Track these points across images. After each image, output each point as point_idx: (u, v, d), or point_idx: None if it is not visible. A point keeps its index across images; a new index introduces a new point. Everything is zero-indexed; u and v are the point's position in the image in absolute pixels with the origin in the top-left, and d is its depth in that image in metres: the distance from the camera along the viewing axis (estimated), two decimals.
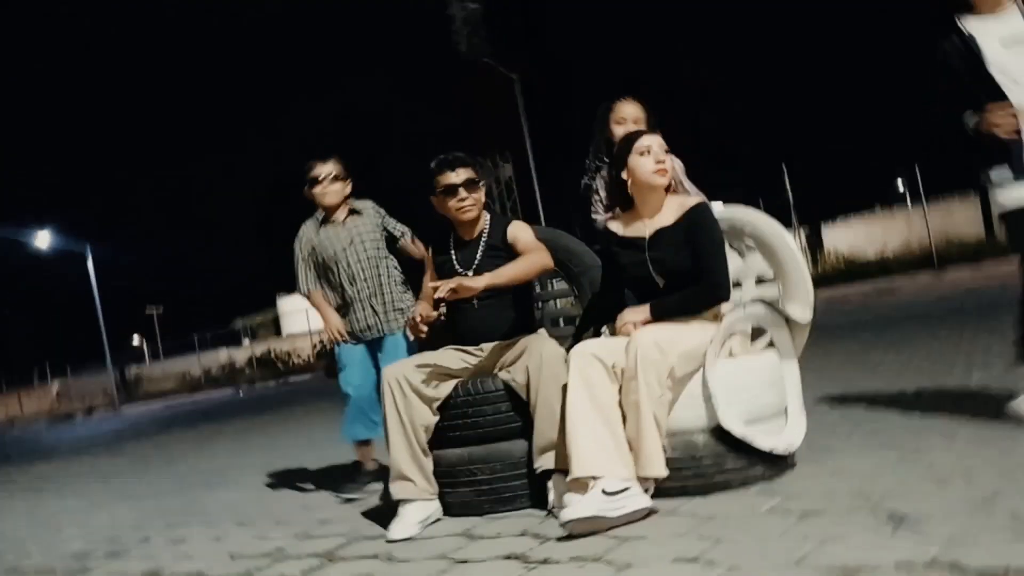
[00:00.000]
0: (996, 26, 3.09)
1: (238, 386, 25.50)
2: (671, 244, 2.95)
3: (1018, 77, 3.01)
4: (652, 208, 3.03)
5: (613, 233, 3.13)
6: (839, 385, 4.86)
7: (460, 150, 3.36)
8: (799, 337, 3.15)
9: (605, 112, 3.78)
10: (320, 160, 4.02)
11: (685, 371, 2.80)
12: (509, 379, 3.03)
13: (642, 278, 3.01)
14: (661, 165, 2.96)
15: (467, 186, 3.24)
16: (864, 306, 12.21)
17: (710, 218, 2.98)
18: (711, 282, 2.90)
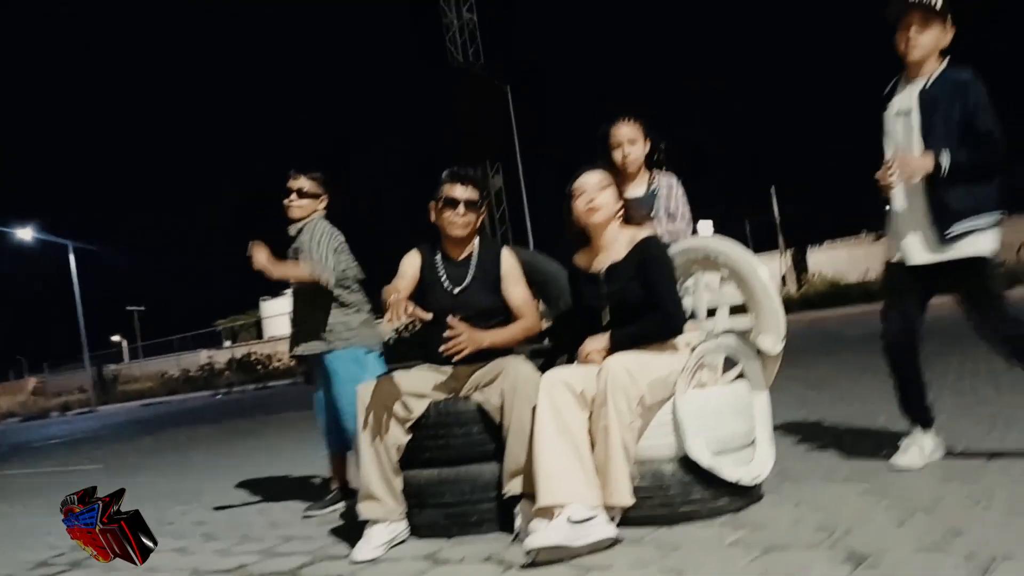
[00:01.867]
0: (902, 93, 3.21)
1: (216, 389, 25.34)
2: (623, 278, 3.00)
3: (895, 145, 3.17)
4: (605, 243, 3.09)
5: (575, 265, 3.20)
6: (812, 410, 4.90)
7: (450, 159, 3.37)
8: (770, 368, 3.18)
9: (604, 136, 3.76)
10: (297, 171, 4.02)
11: (655, 399, 2.82)
12: (483, 400, 3.04)
13: (597, 311, 3.06)
14: (590, 204, 3.01)
15: (467, 205, 3.25)
16: (844, 329, 12.28)
17: (659, 251, 3.03)
18: (664, 313, 2.94)
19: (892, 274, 3.31)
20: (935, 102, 3.09)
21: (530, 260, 3.62)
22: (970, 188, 3.03)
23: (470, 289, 3.24)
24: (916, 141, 3.11)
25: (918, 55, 3.13)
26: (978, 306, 3.12)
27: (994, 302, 3.09)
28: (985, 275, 3.10)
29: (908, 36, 3.13)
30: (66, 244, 29.89)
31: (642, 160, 3.69)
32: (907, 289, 3.25)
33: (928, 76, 3.15)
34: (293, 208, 3.99)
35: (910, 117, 3.15)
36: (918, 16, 3.11)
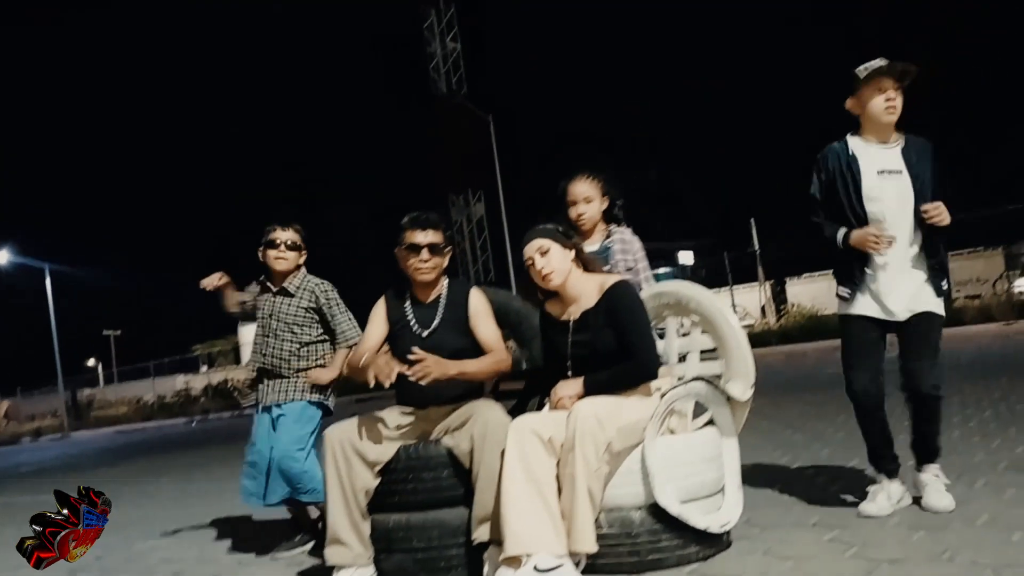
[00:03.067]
0: (878, 154, 3.27)
1: (191, 416, 25.06)
2: (593, 326, 3.01)
3: (886, 204, 3.22)
4: (573, 294, 3.10)
5: (547, 313, 3.21)
6: (787, 451, 4.91)
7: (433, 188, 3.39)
8: (739, 414, 3.19)
9: (562, 193, 3.75)
10: (281, 225, 4.01)
11: (623, 446, 2.82)
12: (452, 445, 3.02)
13: (566, 360, 3.06)
14: (543, 275, 3.05)
15: (431, 249, 3.25)
16: (822, 365, 12.33)
17: (630, 296, 3.04)
18: (638, 360, 2.95)
19: (863, 328, 3.31)
20: (914, 164, 3.22)
21: (502, 301, 3.62)
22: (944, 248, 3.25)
23: (439, 331, 3.24)
24: (909, 202, 3.20)
25: (895, 118, 3.24)
26: (924, 353, 3.20)
27: (937, 352, 3.23)
28: (940, 326, 3.28)
29: (889, 98, 3.21)
30: (43, 267, 29.62)
31: (597, 217, 3.69)
32: (875, 343, 3.31)
33: (898, 140, 3.27)
34: (281, 261, 3.98)
35: (902, 177, 3.22)
36: (892, 80, 3.22)
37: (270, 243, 3.98)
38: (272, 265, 4.00)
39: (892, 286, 3.23)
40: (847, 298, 3.33)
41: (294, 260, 4.01)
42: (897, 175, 3.23)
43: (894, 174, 3.23)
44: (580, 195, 3.67)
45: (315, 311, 3.99)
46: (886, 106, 3.21)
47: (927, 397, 3.19)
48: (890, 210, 3.21)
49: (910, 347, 3.23)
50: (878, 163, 3.26)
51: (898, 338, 3.28)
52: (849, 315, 3.34)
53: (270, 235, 3.99)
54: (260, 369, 4.00)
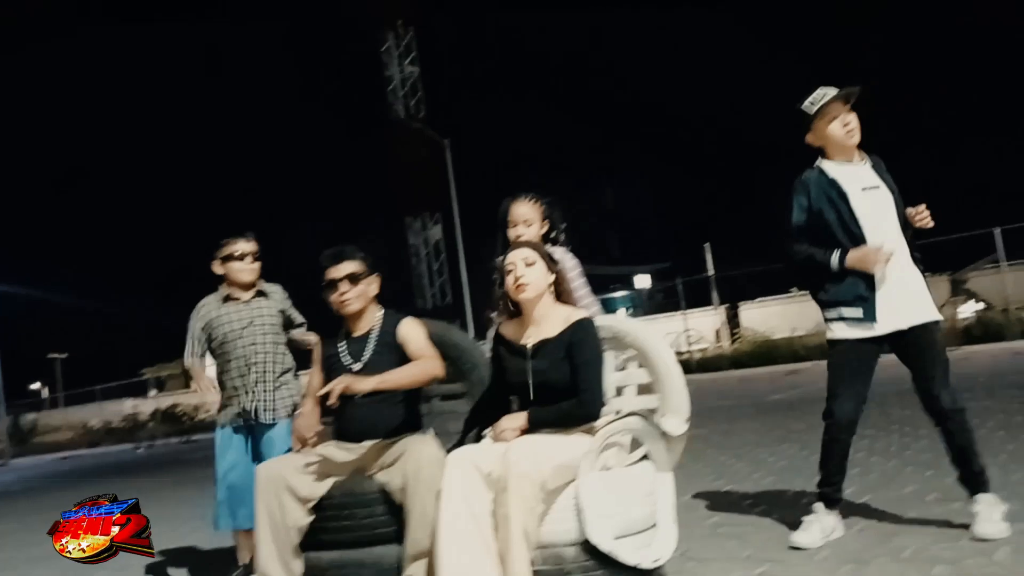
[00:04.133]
0: (855, 173, 3.35)
1: (138, 442, 24.49)
2: (551, 356, 2.99)
3: (875, 220, 3.28)
4: (536, 318, 3.08)
5: (501, 336, 3.17)
6: (729, 480, 4.96)
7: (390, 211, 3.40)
8: (674, 449, 3.20)
9: (503, 213, 3.80)
10: (241, 237, 3.98)
11: (559, 483, 2.81)
12: (386, 481, 3.00)
13: (520, 385, 3.05)
14: (519, 282, 3.02)
15: (350, 279, 3.25)
16: (771, 391, 12.49)
17: (592, 335, 3.04)
18: (585, 400, 2.95)
19: (861, 353, 3.31)
20: (886, 177, 3.33)
21: (440, 332, 3.62)
22: None
23: (372, 363, 3.22)
24: (892, 214, 3.28)
25: (858, 138, 3.34)
26: (935, 368, 3.22)
27: (946, 367, 3.24)
28: (942, 338, 3.32)
29: (846, 123, 3.31)
30: None
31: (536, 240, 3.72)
32: (869, 369, 3.32)
33: (864, 157, 3.37)
34: (247, 272, 3.96)
35: (880, 192, 3.30)
36: (847, 105, 3.32)
37: (235, 256, 3.93)
38: (238, 278, 3.95)
39: (894, 299, 3.26)
40: (859, 319, 3.29)
41: (258, 269, 4.01)
42: (876, 190, 3.31)
43: (874, 190, 3.32)
44: (520, 217, 3.69)
45: (281, 311, 4.02)
46: (846, 131, 3.31)
47: (949, 413, 3.19)
48: (880, 225, 3.28)
49: (918, 363, 3.24)
50: (859, 181, 3.33)
51: (901, 357, 3.28)
52: (848, 339, 3.31)
53: (232, 247, 3.94)
54: (236, 386, 3.92)
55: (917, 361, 3.25)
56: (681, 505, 4.05)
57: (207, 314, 4.01)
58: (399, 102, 32.47)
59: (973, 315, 17.11)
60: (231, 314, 3.96)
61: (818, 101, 3.34)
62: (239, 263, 3.93)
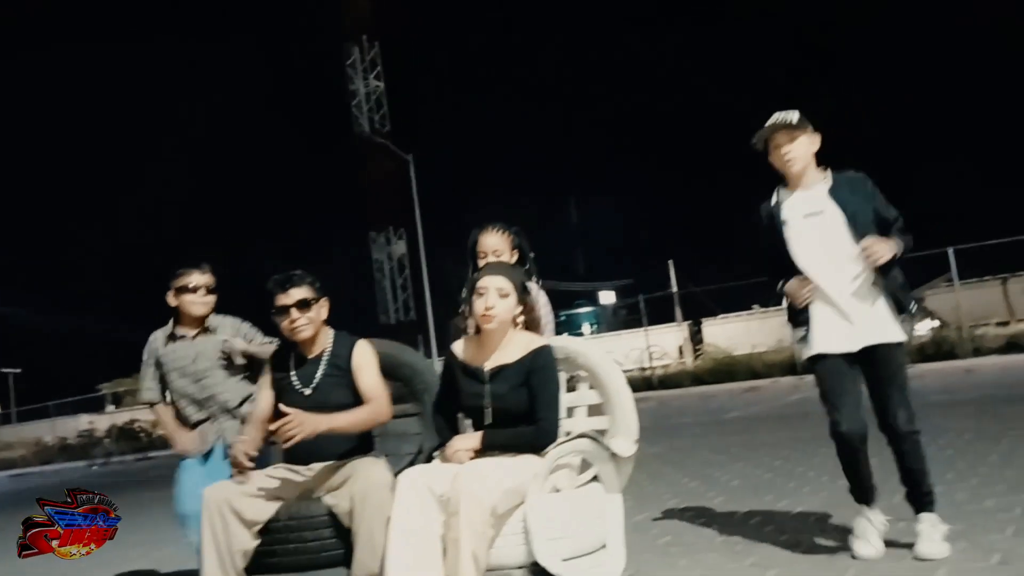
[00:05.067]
0: (801, 199, 3.41)
1: (93, 459, 24.00)
2: (509, 381, 3.01)
3: (811, 248, 3.35)
4: (496, 342, 3.08)
5: (455, 357, 3.17)
6: (683, 499, 4.99)
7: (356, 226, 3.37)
8: (623, 470, 3.22)
9: (473, 244, 3.80)
10: (196, 268, 3.89)
11: (508, 507, 2.81)
12: (333, 504, 2.98)
13: (475, 408, 3.05)
14: (488, 312, 3.02)
15: (300, 306, 3.22)
16: (730, 405, 12.63)
17: (551, 363, 3.06)
18: (541, 427, 2.96)
19: (833, 365, 3.33)
20: (846, 198, 3.32)
21: (393, 354, 3.62)
22: (899, 272, 3.30)
23: (322, 387, 3.20)
24: (844, 237, 3.29)
25: (799, 166, 3.38)
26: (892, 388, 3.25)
27: (905, 387, 3.26)
28: (904, 357, 3.31)
29: (782, 154, 3.36)
30: None
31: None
32: (850, 377, 3.32)
33: (823, 180, 3.39)
34: (199, 306, 3.87)
35: (824, 217, 3.33)
36: (783, 135, 3.36)
37: (188, 288, 3.85)
38: (190, 311, 3.86)
39: (839, 321, 3.30)
40: (803, 340, 3.38)
41: (212, 304, 3.92)
42: (819, 216, 3.34)
43: (816, 216, 3.35)
44: (489, 248, 3.70)
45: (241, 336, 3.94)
46: (785, 160, 3.38)
47: (901, 434, 3.23)
48: (816, 252, 3.33)
49: (874, 383, 3.29)
50: (803, 208, 3.38)
51: (864, 376, 3.32)
52: (816, 355, 3.36)
53: (186, 279, 3.85)
54: (199, 420, 3.87)
55: (874, 381, 3.30)
56: (634, 525, 4.10)
57: (155, 350, 3.96)
58: (364, 116, 32.42)
59: (928, 333, 17.43)
60: (177, 351, 3.90)
61: (757, 137, 3.42)
62: (191, 296, 3.85)
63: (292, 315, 3.20)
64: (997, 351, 15.14)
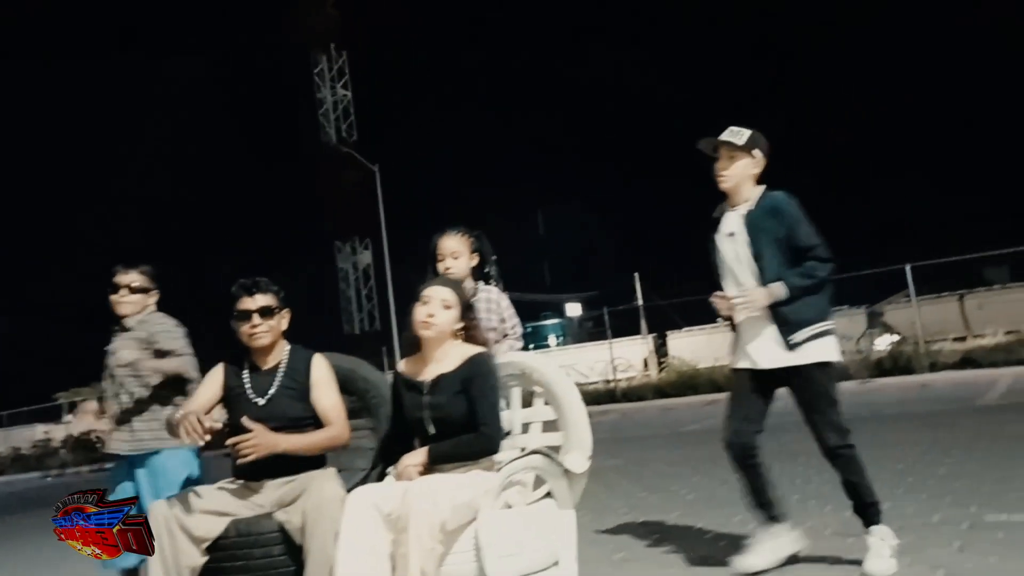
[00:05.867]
0: (728, 218, 3.52)
1: (47, 470, 23.50)
2: (448, 391, 3.02)
3: (727, 266, 3.49)
4: (435, 355, 3.09)
5: (400, 373, 3.17)
6: (640, 513, 5.02)
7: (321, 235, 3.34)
8: (577, 486, 3.23)
9: (432, 247, 3.84)
10: (124, 267, 3.89)
11: (459, 523, 2.81)
12: (285, 520, 2.95)
13: (417, 421, 3.06)
14: (428, 319, 3.04)
15: (262, 313, 3.21)
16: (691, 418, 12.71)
17: (488, 368, 3.07)
18: (483, 433, 2.98)
19: (740, 380, 3.50)
20: (759, 226, 3.39)
21: (349, 368, 3.60)
22: (806, 301, 3.34)
23: (276, 399, 3.18)
24: (748, 263, 3.39)
25: (727, 185, 3.48)
26: (814, 410, 3.34)
27: (829, 408, 3.33)
28: (825, 381, 3.36)
29: (717, 172, 3.47)
30: None
31: (465, 274, 3.78)
32: (750, 395, 3.46)
33: (749, 202, 3.45)
34: (122, 304, 3.86)
35: (736, 239, 3.43)
36: (724, 151, 3.45)
37: (112, 287, 3.86)
38: (115, 309, 3.88)
39: (748, 340, 3.44)
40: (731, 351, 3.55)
41: (139, 303, 3.89)
42: (732, 237, 3.45)
43: (731, 237, 3.46)
44: (448, 250, 3.76)
45: (146, 341, 3.80)
46: (717, 176, 3.48)
47: (832, 452, 3.31)
48: (730, 272, 3.46)
49: (799, 404, 3.39)
50: (726, 227, 3.50)
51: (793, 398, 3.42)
52: (733, 368, 3.55)
53: (114, 278, 3.88)
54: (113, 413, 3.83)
55: (798, 402, 3.40)
56: (590, 539, 4.12)
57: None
58: (331, 125, 32.29)
59: (887, 348, 17.71)
60: (113, 346, 3.89)
61: (705, 143, 3.52)
62: (114, 295, 3.87)
63: (254, 321, 3.18)
64: (952, 366, 15.39)
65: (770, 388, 3.46)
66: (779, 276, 3.32)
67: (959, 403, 9.70)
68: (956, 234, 23.87)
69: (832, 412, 3.33)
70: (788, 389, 3.41)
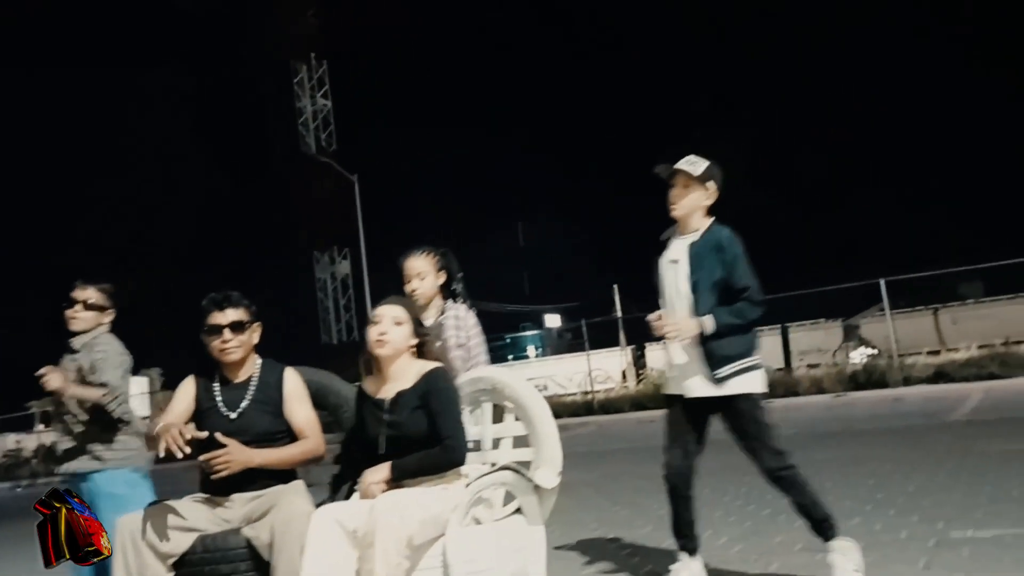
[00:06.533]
0: (675, 245, 3.57)
1: (17, 480, 23.15)
2: (407, 407, 3.03)
3: (669, 293, 3.53)
4: (393, 373, 3.11)
5: (363, 391, 3.18)
6: (609, 529, 5.02)
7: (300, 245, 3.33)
8: (546, 502, 3.23)
9: (400, 268, 3.85)
10: (84, 282, 3.87)
11: (425, 539, 2.80)
12: (253, 536, 2.93)
13: (373, 438, 3.06)
14: (380, 337, 3.05)
15: (233, 328, 3.19)
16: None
17: (446, 382, 3.09)
18: (447, 446, 2.98)
19: (674, 407, 3.54)
20: (701, 258, 3.45)
21: (322, 382, 3.58)
22: (732, 338, 3.39)
23: (248, 413, 3.16)
24: (685, 292, 3.45)
25: (679, 213, 3.52)
26: (746, 438, 3.38)
27: (761, 434, 3.36)
28: (753, 410, 3.39)
29: (671, 198, 3.50)
30: None
31: (432, 293, 3.79)
32: (687, 422, 3.49)
33: (696, 232, 3.50)
34: (75, 321, 3.85)
35: (678, 266, 3.48)
36: (680, 179, 3.49)
37: (68, 300, 3.84)
38: (68, 325, 3.86)
39: (681, 368, 3.47)
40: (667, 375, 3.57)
41: (93, 320, 3.87)
42: (675, 265, 3.51)
43: (674, 264, 3.52)
44: (413, 271, 3.78)
45: (86, 369, 3.79)
46: (670, 207, 3.53)
47: (772, 473, 3.35)
48: (669, 297, 3.52)
49: (733, 431, 3.43)
50: (670, 253, 3.56)
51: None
52: (665, 394, 3.58)
53: (71, 292, 3.86)
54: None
55: (731, 430, 3.45)
56: (559, 555, 4.12)
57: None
58: (310, 135, 32.20)
59: (862, 361, 17.86)
60: (65, 361, 3.87)
61: (662, 169, 3.56)
62: (69, 310, 3.85)
63: (225, 336, 3.16)
64: (926, 380, 15.55)
65: (703, 415, 3.50)
66: (711, 310, 3.38)
67: (931, 418, 9.81)
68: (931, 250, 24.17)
69: (765, 436, 3.37)
70: (720, 418, 3.46)
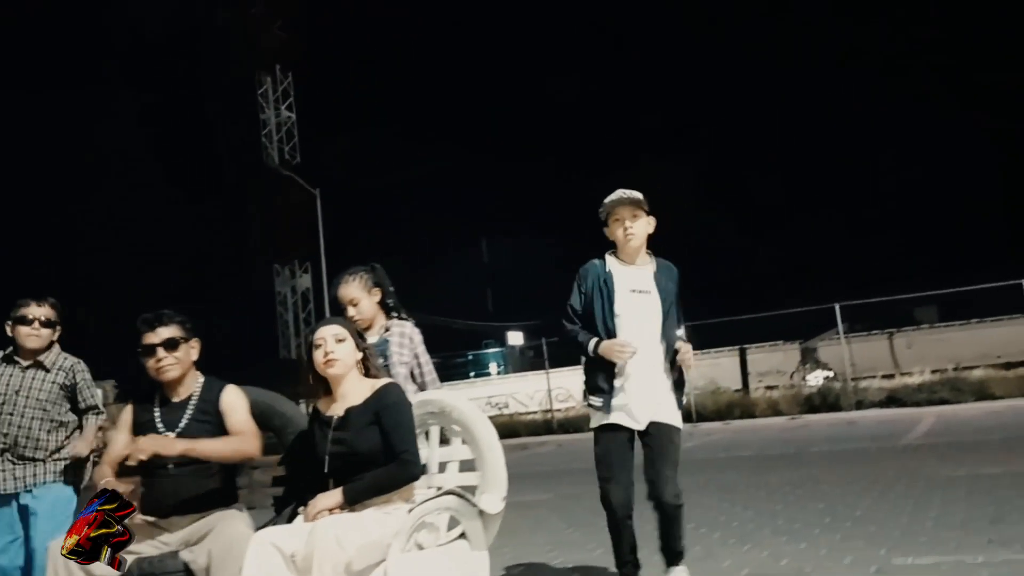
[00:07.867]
0: (631, 274, 3.58)
1: None
2: (357, 424, 2.99)
3: (636, 322, 3.51)
4: (344, 391, 3.08)
5: (316, 409, 3.14)
6: (562, 552, 5.00)
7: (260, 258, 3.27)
8: (491, 527, 3.21)
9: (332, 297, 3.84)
10: (35, 300, 3.79)
11: (365, 564, 2.75)
12: (190, 560, 2.86)
13: (323, 455, 3.01)
14: (328, 357, 3.03)
15: (167, 346, 3.14)
16: None
17: (397, 397, 3.06)
18: (403, 460, 2.95)
19: (615, 438, 3.51)
20: (667, 287, 3.53)
21: (267, 402, 3.53)
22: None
23: (188, 432, 3.10)
24: (656, 320, 3.50)
25: (637, 243, 3.55)
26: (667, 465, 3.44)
27: (677, 463, 3.48)
28: (679, 441, 3.53)
29: (626, 227, 3.51)
30: None
31: (371, 313, 3.76)
32: (627, 452, 3.51)
33: (649, 262, 3.57)
34: (34, 339, 3.77)
35: (649, 296, 3.51)
36: (628, 209, 3.53)
37: (22, 319, 3.76)
38: (23, 343, 3.77)
39: (636, 396, 3.47)
40: (599, 408, 3.51)
41: (48, 337, 3.81)
42: (645, 295, 3.51)
43: (644, 294, 3.52)
44: (346, 298, 3.75)
45: (69, 388, 3.81)
46: (625, 235, 3.54)
47: (669, 506, 3.41)
48: (635, 327, 3.48)
49: (652, 457, 3.45)
50: (631, 283, 3.54)
51: (642, 448, 3.48)
52: (603, 425, 3.52)
53: (22, 310, 3.78)
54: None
55: (650, 454, 3.48)
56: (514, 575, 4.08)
57: None
58: (273, 147, 31.96)
59: (819, 383, 18.11)
60: (4, 377, 3.78)
61: (605, 204, 3.58)
62: (26, 328, 3.76)
63: (159, 355, 3.12)
64: (879, 404, 15.81)
65: (631, 443, 3.54)
66: (669, 337, 3.47)
67: (882, 442, 9.96)
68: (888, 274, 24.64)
69: (676, 471, 3.46)
70: (642, 442, 3.49)
